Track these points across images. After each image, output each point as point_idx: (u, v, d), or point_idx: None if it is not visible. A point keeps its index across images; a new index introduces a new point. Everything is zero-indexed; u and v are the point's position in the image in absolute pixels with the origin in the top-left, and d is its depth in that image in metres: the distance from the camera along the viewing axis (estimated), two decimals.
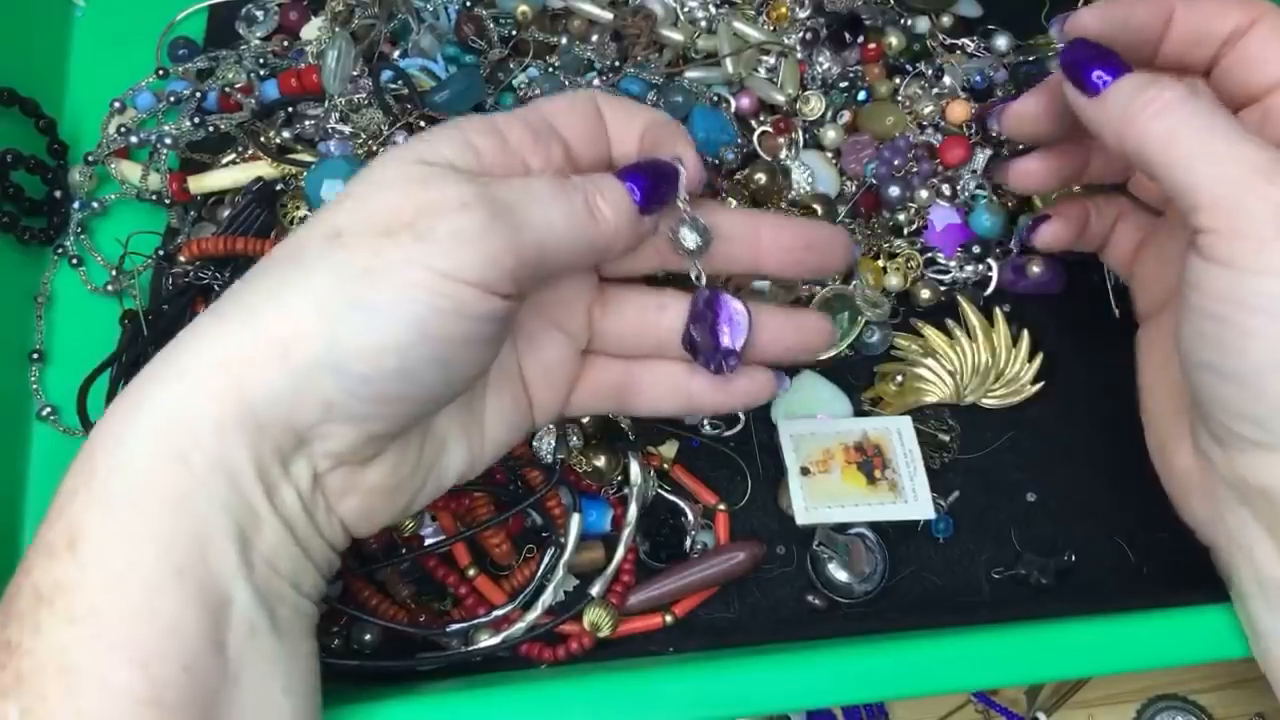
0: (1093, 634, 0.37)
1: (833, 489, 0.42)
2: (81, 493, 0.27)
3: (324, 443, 0.29)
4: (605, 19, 0.49)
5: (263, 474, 0.28)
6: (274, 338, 0.27)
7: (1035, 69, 0.50)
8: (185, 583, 0.26)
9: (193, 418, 0.27)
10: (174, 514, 0.26)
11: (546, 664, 0.40)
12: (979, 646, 0.37)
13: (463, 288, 0.28)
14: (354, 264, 0.27)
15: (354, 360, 0.27)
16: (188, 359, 0.28)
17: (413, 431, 0.31)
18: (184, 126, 0.47)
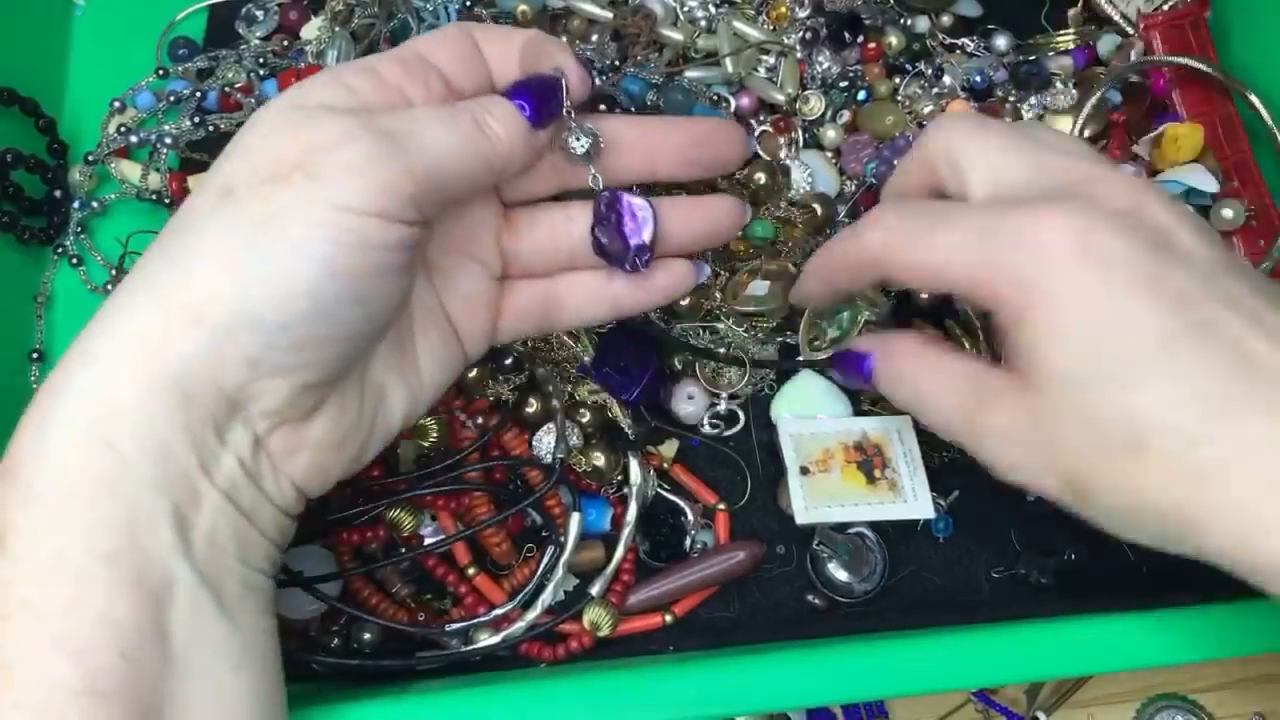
0: (1092, 633, 0.37)
1: (832, 488, 0.42)
2: (6, 488, 0.26)
3: (257, 403, 0.28)
4: (605, 18, 0.49)
5: (196, 446, 0.27)
6: (183, 304, 0.27)
7: (1035, 69, 0.50)
8: (118, 569, 0.26)
9: (114, 400, 0.26)
10: (102, 501, 0.26)
11: (546, 663, 0.40)
12: (979, 645, 0.37)
13: (363, 219, 0.28)
14: (249, 215, 0.27)
15: (268, 310, 0.27)
16: (100, 342, 0.27)
17: (349, 381, 0.31)
18: (184, 126, 0.47)
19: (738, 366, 0.45)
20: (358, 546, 0.40)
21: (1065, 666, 0.38)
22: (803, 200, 0.47)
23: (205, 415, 0.27)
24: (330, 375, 0.30)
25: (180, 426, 0.27)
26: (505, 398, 0.43)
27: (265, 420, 0.29)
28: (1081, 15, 0.53)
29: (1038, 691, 0.47)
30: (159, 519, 0.27)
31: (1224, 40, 0.52)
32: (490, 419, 0.42)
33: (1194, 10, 0.50)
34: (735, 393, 0.45)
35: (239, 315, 0.27)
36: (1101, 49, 0.52)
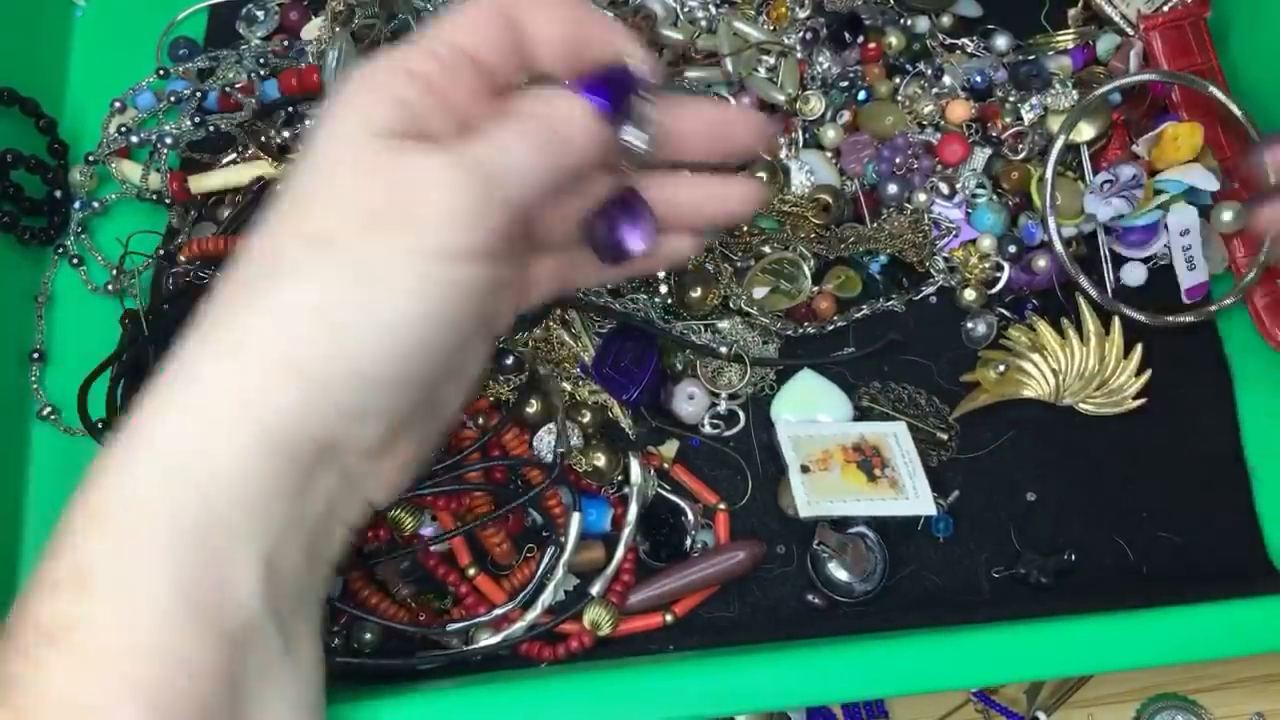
0: (1092, 633, 0.37)
1: (834, 485, 0.42)
2: (89, 528, 0.26)
3: (351, 446, 0.28)
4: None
5: (288, 495, 0.27)
6: (280, 357, 0.26)
7: (1034, 69, 0.50)
8: (202, 618, 0.25)
9: (208, 450, 0.26)
10: (191, 548, 0.25)
11: (546, 663, 0.40)
12: (979, 645, 0.37)
13: (464, 264, 0.27)
14: (348, 266, 0.27)
15: (369, 364, 0.27)
16: (192, 390, 0.27)
17: (423, 409, 0.31)
18: (184, 126, 0.47)
19: (738, 365, 0.45)
20: (358, 547, 0.41)
21: (1065, 666, 0.38)
22: (812, 194, 0.47)
23: (299, 465, 0.27)
24: (416, 408, 0.29)
25: (273, 477, 0.26)
26: (505, 398, 0.43)
27: (355, 457, 0.29)
28: (1081, 15, 0.53)
29: (1038, 691, 0.47)
30: (246, 568, 0.26)
31: (1224, 40, 0.52)
32: (490, 419, 0.42)
33: (1194, 10, 0.50)
34: (735, 392, 0.45)
35: (339, 369, 0.26)
36: (1101, 49, 0.52)
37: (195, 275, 0.43)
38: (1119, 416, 0.46)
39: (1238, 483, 0.47)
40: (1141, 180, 0.47)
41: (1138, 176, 0.47)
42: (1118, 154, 0.50)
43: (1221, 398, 0.48)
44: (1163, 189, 0.48)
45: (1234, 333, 0.49)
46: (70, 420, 0.45)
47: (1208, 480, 0.46)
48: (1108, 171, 0.47)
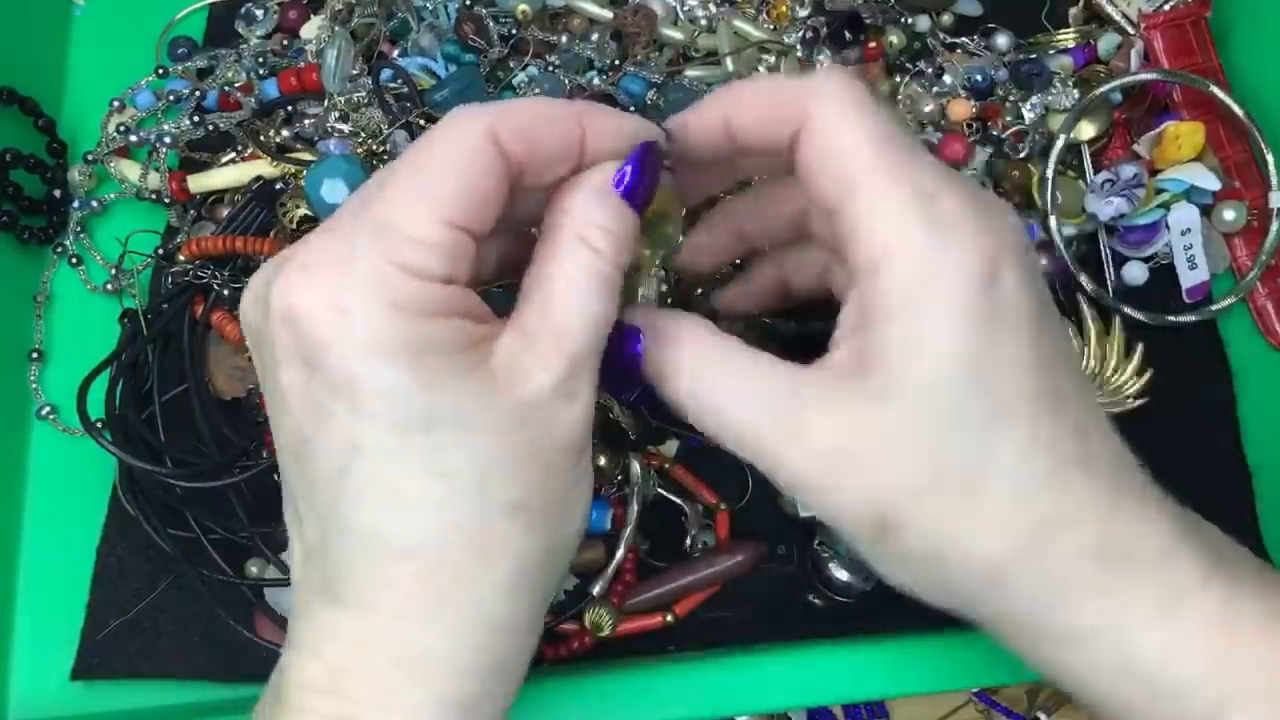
0: None
1: None
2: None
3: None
4: (605, 17, 0.49)
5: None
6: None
7: (1035, 68, 0.50)
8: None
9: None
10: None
11: (547, 663, 0.40)
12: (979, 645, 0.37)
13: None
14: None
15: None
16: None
17: None
18: (183, 125, 0.47)
19: None
20: None
21: None
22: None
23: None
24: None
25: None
26: None
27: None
28: (1082, 14, 0.53)
29: (1039, 691, 0.47)
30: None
31: (1225, 40, 0.52)
32: None
33: (1195, 10, 0.50)
34: None
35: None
36: (1102, 48, 0.52)
37: (194, 275, 0.43)
38: (1119, 416, 0.46)
39: (1238, 483, 0.47)
40: (1142, 179, 0.47)
41: (1139, 176, 0.47)
42: (1119, 153, 0.50)
43: (1222, 397, 0.48)
44: (1164, 188, 0.48)
45: (1235, 332, 0.49)
46: (69, 420, 0.44)
47: (1208, 480, 0.46)
48: (1109, 171, 0.47)
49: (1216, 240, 0.50)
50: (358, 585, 0.26)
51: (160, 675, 0.41)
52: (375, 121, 0.46)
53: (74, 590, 0.42)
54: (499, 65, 0.48)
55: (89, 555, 0.42)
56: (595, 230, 0.27)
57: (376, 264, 0.25)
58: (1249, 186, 0.50)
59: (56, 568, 0.43)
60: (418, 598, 0.25)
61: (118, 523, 0.43)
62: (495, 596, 0.26)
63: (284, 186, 0.45)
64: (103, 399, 0.41)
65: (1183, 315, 0.48)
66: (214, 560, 0.41)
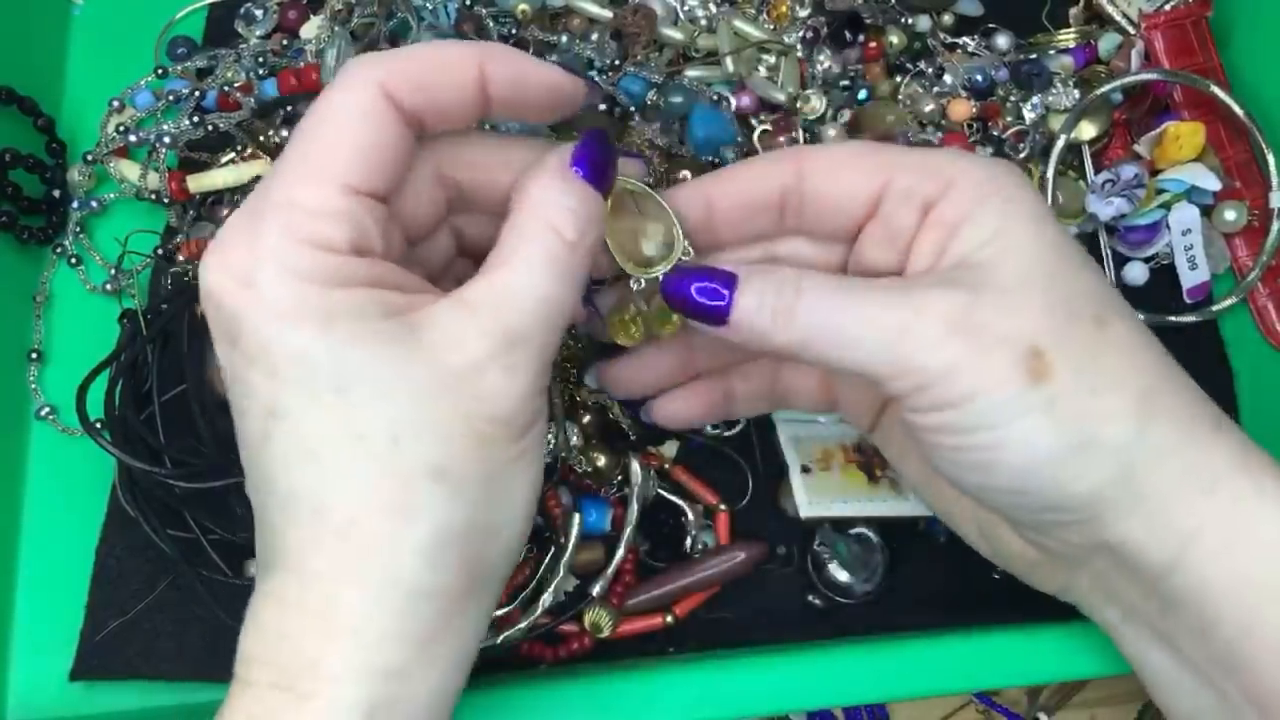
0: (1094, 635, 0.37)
1: (834, 485, 0.42)
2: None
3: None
4: (605, 17, 0.48)
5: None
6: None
7: (1036, 68, 0.50)
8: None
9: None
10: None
11: (546, 664, 0.40)
12: (979, 646, 0.37)
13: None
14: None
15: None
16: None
17: None
18: (183, 125, 0.47)
19: None
20: None
21: (1067, 668, 0.38)
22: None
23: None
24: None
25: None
26: None
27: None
28: (1083, 14, 0.53)
29: (1039, 692, 0.47)
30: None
31: (1225, 40, 0.52)
32: None
33: (1195, 10, 0.50)
34: None
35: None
36: (1102, 48, 0.52)
37: (194, 275, 0.43)
38: None
39: None
40: (1143, 180, 0.47)
41: (1139, 176, 0.47)
42: (1119, 153, 0.50)
43: (1223, 397, 0.48)
44: (1164, 188, 0.48)
45: (1236, 332, 0.49)
46: (68, 420, 0.44)
47: None
48: (1109, 171, 0.47)
49: (1217, 240, 0.50)
50: (285, 549, 0.26)
51: (159, 676, 0.41)
52: None
53: (73, 590, 0.42)
54: None
55: (88, 555, 0.42)
56: (554, 209, 0.28)
57: (279, 240, 0.26)
58: (1249, 186, 0.50)
59: (56, 568, 0.43)
60: (336, 557, 0.26)
61: (117, 523, 0.42)
62: (414, 561, 0.26)
63: None
64: (102, 399, 0.41)
65: (1183, 315, 0.48)
66: (213, 561, 0.40)
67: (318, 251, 0.26)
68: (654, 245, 0.33)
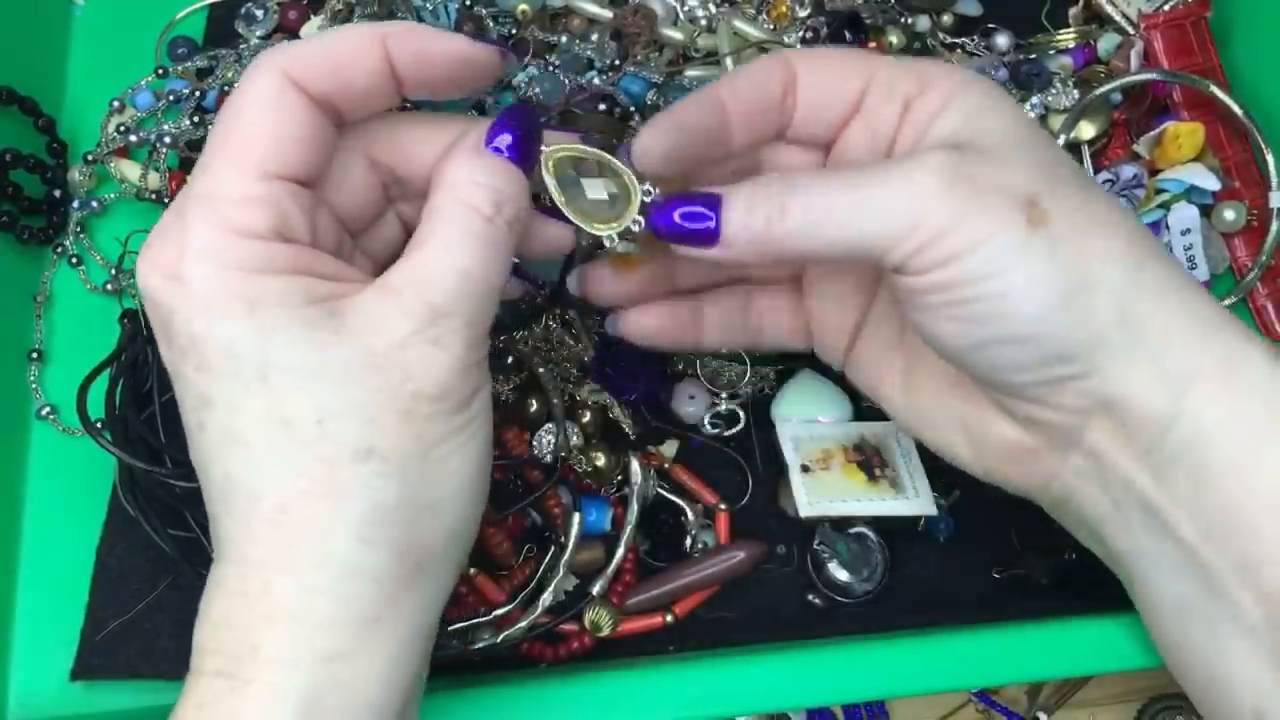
0: (1093, 633, 0.37)
1: (834, 485, 0.42)
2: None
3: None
4: (605, 17, 0.48)
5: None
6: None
7: (1035, 68, 0.50)
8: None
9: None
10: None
11: (546, 663, 0.40)
12: (979, 645, 0.37)
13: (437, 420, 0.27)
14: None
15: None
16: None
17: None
18: (183, 125, 0.47)
19: (738, 365, 0.45)
20: None
21: (1066, 667, 0.38)
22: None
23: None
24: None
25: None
26: (505, 397, 0.43)
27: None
28: (1082, 14, 0.53)
29: (1039, 691, 0.47)
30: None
31: (1225, 40, 0.52)
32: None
33: (1195, 10, 0.50)
34: (735, 393, 0.45)
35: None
36: (1102, 48, 0.52)
37: None
38: None
39: None
40: (1142, 180, 0.47)
41: (1139, 176, 0.47)
42: (1119, 153, 0.50)
43: None
44: (1164, 188, 0.48)
45: None
46: (69, 420, 0.44)
47: None
48: (1109, 171, 0.47)
49: (1216, 240, 0.50)
50: (226, 537, 0.27)
51: (160, 676, 0.41)
52: None
53: (74, 590, 0.42)
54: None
55: (89, 555, 0.42)
56: (467, 186, 0.29)
57: (204, 231, 0.26)
58: (1249, 186, 0.50)
59: (56, 568, 0.43)
60: (269, 543, 0.26)
61: (117, 523, 0.42)
62: (346, 541, 0.26)
63: None
64: (103, 399, 0.41)
65: None
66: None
67: (240, 239, 0.26)
68: (613, 200, 0.33)
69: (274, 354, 0.26)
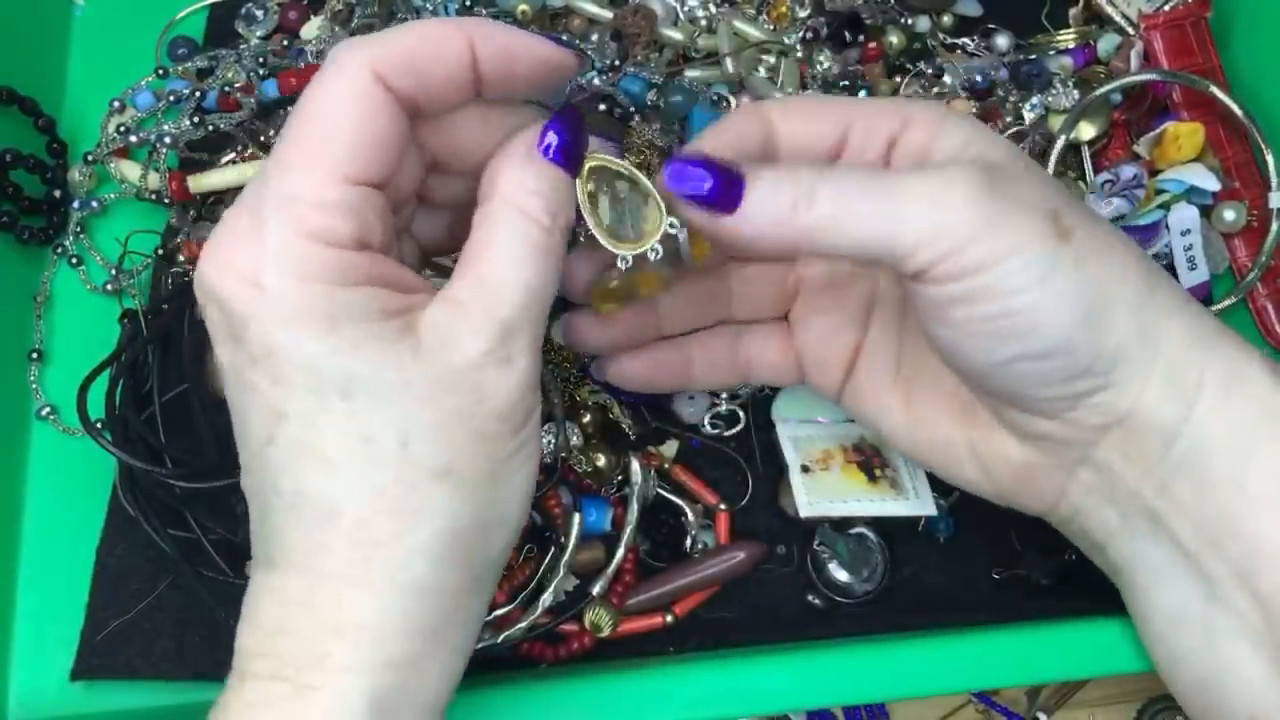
0: (1093, 634, 0.37)
1: (834, 485, 0.42)
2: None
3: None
4: (605, 18, 0.49)
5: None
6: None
7: (1035, 68, 0.50)
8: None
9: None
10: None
11: (547, 664, 0.40)
12: (979, 646, 0.37)
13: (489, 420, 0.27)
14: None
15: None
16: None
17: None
18: (183, 126, 0.47)
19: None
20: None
21: (1066, 669, 0.38)
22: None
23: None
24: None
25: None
26: None
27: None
28: (1082, 15, 0.53)
29: (1038, 692, 0.47)
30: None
31: (1225, 41, 0.52)
32: None
33: (1195, 10, 0.50)
34: (735, 393, 0.45)
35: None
36: (1101, 48, 0.52)
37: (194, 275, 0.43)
38: None
39: None
40: (1142, 180, 0.47)
41: (1139, 176, 0.47)
42: (1119, 154, 0.50)
43: None
44: (1164, 189, 0.48)
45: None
46: (69, 420, 0.44)
47: None
48: (1109, 171, 0.47)
49: (1216, 241, 0.50)
50: (289, 549, 0.26)
51: (160, 676, 0.41)
52: None
53: (74, 590, 0.42)
54: None
55: (89, 555, 0.42)
56: (524, 195, 0.28)
57: (285, 236, 0.26)
58: (1249, 187, 0.50)
59: (56, 568, 0.43)
60: (344, 559, 0.26)
61: (118, 523, 0.43)
62: (421, 560, 0.26)
63: None
64: (103, 399, 0.41)
65: None
66: (214, 561, 0.40)
67: (323, 248, 0.26)
68: (619, 221, 0.32)
69: (355, 373, 0.25)
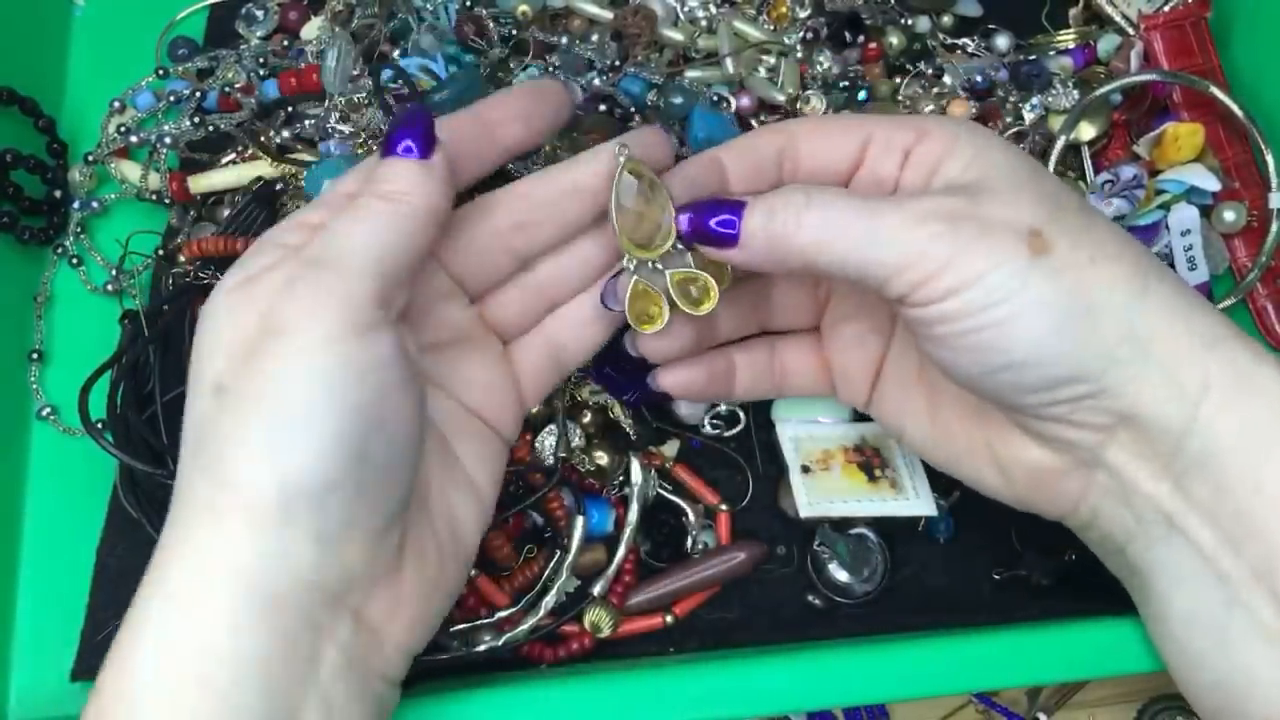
0: (1093, 635, 0.37)
1: (834, 485, 0.42)
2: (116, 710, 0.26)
3: (340, 575, 0.28)
4: (605, 18, 0.49)
5: (294, 652, 0.27)
6: (234, 511, 0.27)
7: (1035, 69, 0.50)
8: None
9: (201, 637, 0.26)
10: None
11: (547, 664, 0.40)
12: (979, 647, 0.37)
13: (345, 344, 0.28)
14: (248, 398, 0.27)
15: (309, 477, 0.27)
16: (171, 574, 0.27)
17: (417, 522, 0.31)
18: (184, 126, 0.47)
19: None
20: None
21: (1066, 670, 0.38)
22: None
23: (296, 614, 0.27)
24: (392, 511, 0.29)
25: (274, 638, 0.26)
26: None
27: (356, 592, 0.29)
28: (1082, 15, 0.53)
29: (1039, 692, 0.47)
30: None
31: (1225, 41, 0.52)
32: None
33: (1195, 11, 0.50)
34: None
35: (288, 496, 0.27)
36: (1101, 49, 0.52)
37: (194, 275, 0.43)
38: None
39: None
40: (1142, 180, 0.47)
41: (1139, 177, 0.47)
42: (1119, 154, 0.50)
43: None
44: (1164, 189, 0.48)
45: None
46: (70, 420, 0.44)
47: None
48: (1109, 172, 0.47)
49: (1216, 241, 0.50)
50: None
51: None
52: (376, 122, 0.46)
53: (74, 590, 0.42)
54: (499, 66, 0.48)
55: (89, 555, 0.42)
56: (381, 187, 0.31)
57: (324, 304, 0.28)
58: (1249, 187, 0.50)
59: (56, 568, 0.43)
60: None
61: (118, 524, 0.43)
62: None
63: (284, 187, 0.45)
64: (104, 400, 0.41)
65: None
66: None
67: (349, 324, 0.28)
68: (653, 229, 0.35)
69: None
